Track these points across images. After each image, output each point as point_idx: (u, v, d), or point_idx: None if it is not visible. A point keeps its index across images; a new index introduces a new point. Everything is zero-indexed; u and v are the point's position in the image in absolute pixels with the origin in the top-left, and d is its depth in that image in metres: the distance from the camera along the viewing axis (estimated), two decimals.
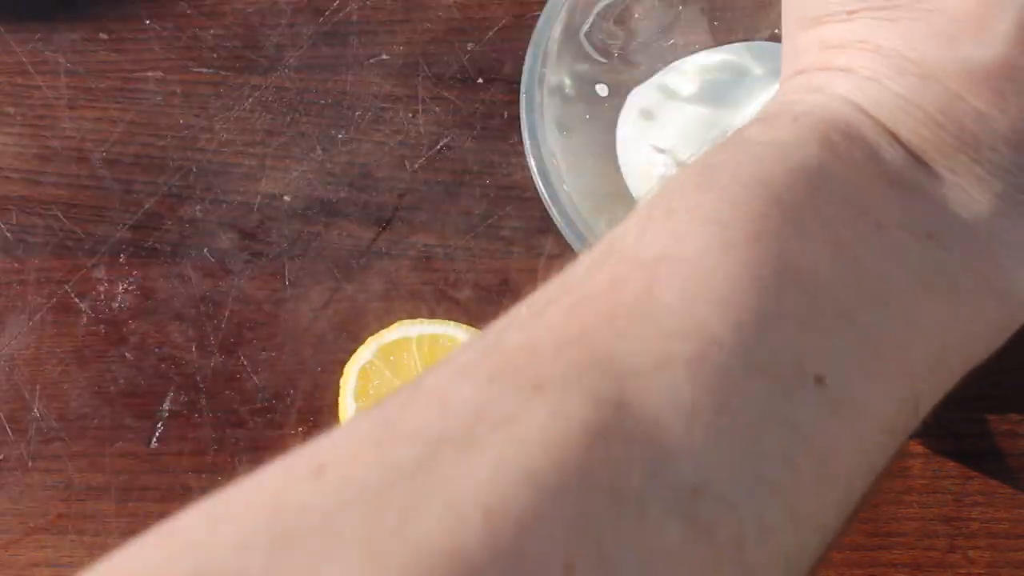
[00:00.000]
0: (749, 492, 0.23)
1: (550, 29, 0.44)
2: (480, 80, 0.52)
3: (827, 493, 0.24)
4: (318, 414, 0.49)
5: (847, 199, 0.26)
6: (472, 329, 0.48)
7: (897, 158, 0.27)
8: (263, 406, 0.49)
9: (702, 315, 0.24)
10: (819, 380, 0.24)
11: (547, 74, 0.44)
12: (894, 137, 0.27)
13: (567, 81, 0.46)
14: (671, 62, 0.49)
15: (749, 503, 0.23)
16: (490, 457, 0.22)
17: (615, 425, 0.22)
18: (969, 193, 0.26)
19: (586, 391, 0.23)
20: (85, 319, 0.50)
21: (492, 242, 0.50)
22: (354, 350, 0.48)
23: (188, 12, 0.53)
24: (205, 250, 0.51)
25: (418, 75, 0.52)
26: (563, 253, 0.48)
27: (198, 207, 0.51)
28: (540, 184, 0.43)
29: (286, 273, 0.50)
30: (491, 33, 0.52)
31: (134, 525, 0.48)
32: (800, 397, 0.24)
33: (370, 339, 0.48)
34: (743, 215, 0.25)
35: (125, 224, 0.51)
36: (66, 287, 0.51)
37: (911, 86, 0.27)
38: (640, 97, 0.48)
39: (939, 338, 0.26)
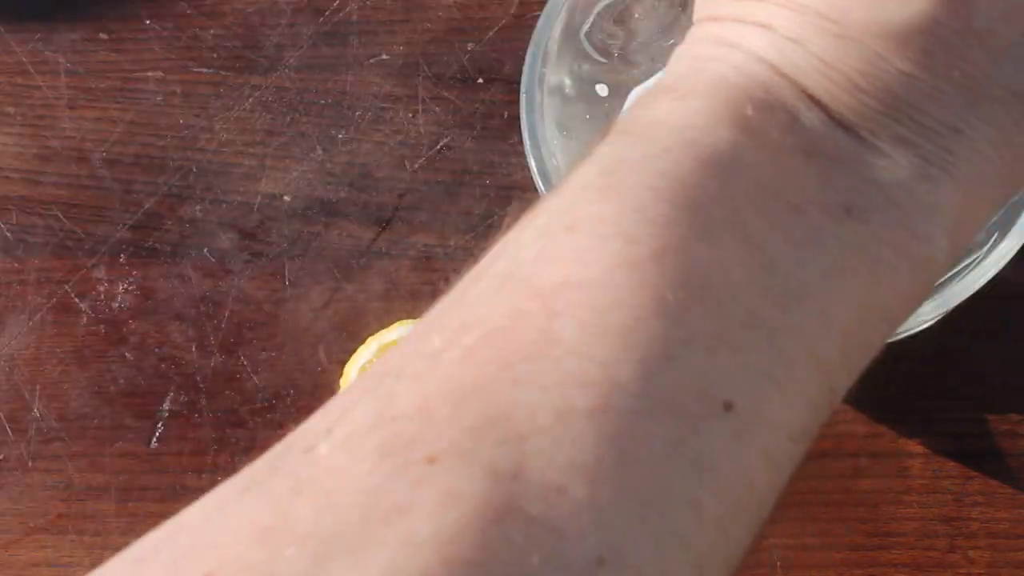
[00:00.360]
0: (654, 551, 0.22)
1: (550, 29, 0.44)
2: (480, 80, 0.52)
3: (736, 524, 0.23)
4: None
5: (761, 185, 0.25)
6: None
7: (816, 124, 0.25)
8: (263, 406, 0.49)
9: (604, 354, 0.23)
10: (728, 407, 0.23)
11: (547, 74, 0.44)
12: (813, 101, 0.26)
13: (567, 81, 0.46)
14: None
15: (653, 564, 0.22)
16: (380, 562, 0.21)
17: (512, 504, 0.21)
18: (891, 157, 0.25)
19: (482, 463, 0.22)
20: (85, 319, 0.50)
21: (492, 242, 0.50)
22: (354, 350, 0.48)
23: (188, 12, 0.53)
24: (205, 250, 0.51)
25: (418, 75, 0.52)
26: None
27: (198, 207, 0.51)
28: (540, 184, 0.43)
29: (286, 273, 0.50)
30: (491, 33, 0.52)
31: (134, 525, 0.48)
32: (708, 430, 0.23)
33: (370, 339, 0.48)
34: (649, 224, 0.24)
35: (125, 224, 0.51)
36: (66, 287, 0.51)
37: (829, 47, 0.25)
38: None
39: (855, 321, 0.25)
